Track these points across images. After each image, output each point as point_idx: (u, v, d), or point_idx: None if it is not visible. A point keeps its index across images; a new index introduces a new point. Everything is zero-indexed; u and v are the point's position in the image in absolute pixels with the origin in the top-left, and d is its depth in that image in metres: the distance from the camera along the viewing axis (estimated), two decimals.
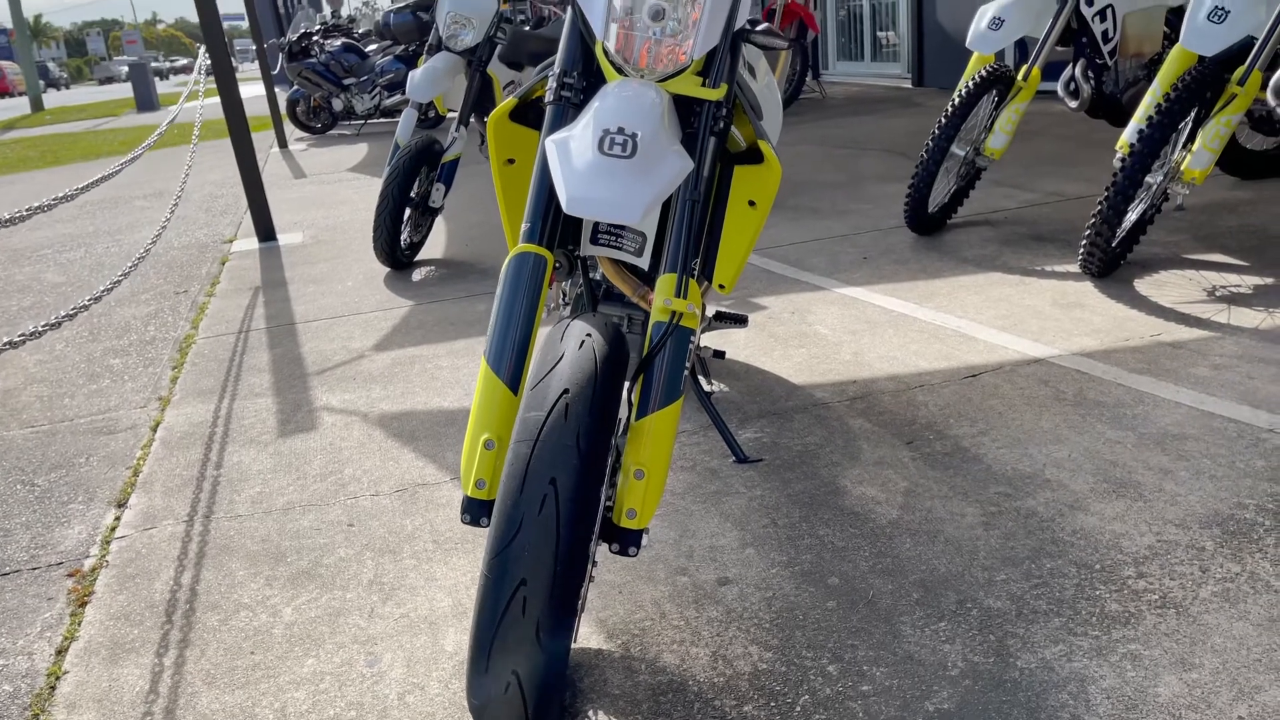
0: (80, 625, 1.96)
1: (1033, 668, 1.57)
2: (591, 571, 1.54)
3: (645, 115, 1.45)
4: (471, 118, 4.37)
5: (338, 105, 10.40)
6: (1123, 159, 3.22)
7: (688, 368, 1.55)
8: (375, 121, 10.99)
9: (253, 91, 13.93)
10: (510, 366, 1.52)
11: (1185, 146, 3.30)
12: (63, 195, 2.48)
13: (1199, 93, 3.16)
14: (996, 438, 2.35)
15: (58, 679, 1.80)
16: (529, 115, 1.79)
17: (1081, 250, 3.39)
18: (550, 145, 1.48)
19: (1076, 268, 3.54)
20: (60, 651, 1.88)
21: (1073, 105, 4.24)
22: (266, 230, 5.49)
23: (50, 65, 53.31)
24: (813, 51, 10.92)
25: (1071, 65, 4.21)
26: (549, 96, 1.63)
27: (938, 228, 4.26)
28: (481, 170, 6.60)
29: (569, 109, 1.61)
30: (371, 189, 6.82)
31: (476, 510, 1.49)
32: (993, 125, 4.04)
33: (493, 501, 1.46)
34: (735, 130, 1.77)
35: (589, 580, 1.55)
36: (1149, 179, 3.34)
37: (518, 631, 1.27)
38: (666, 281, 1.54)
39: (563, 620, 1.30)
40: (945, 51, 9.63)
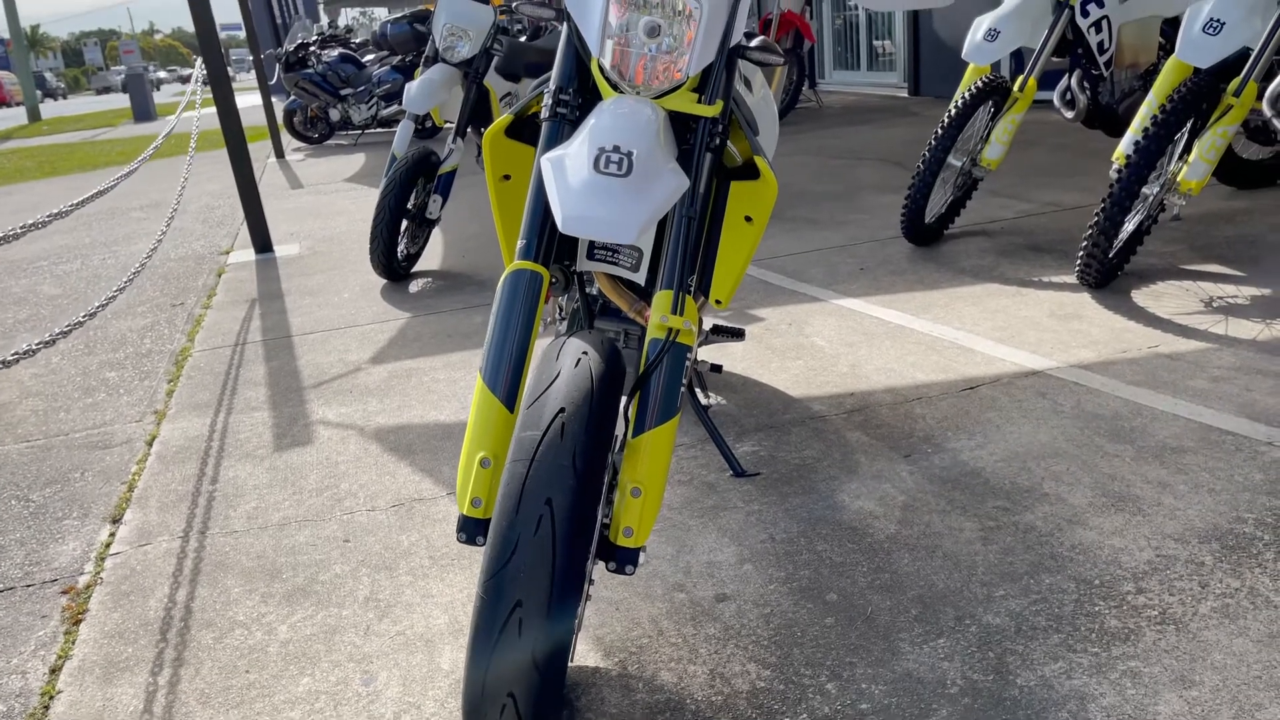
0: (74, 643, 1.94)
1: (1032, 685, 1.56)
2: (588, 590, 1.54)
3: (640, 133, 1.44)
4: (468, 129, 4.37)
5: (335, 115, 10.41)
6: (1119, 170, 3.22)
7: (684, 384, 1.54)
8: (372, 131, 11.01)
9: (250, 101, 13.94)
10: (506, 384, 1.51)
11: (1181, 157, 3.30)
12: (56, 212, 2.47)
13: (1195, 104, 3.16)
14: (994, 451, 2.34)
15: (51, 698, 1.79)
16: (525, 131, 1.78)
17: (1078, 261, 3.40)
18: (545, 163, 1.47)
19: (1073, 278, 3.55)
20: (54, 670, 1.87)
21: (1069, 116, 4.25)
22: (263, 241, 5.49)
23: (47, 75, 53.33)
24: (809, 61, 10.94)
25: (1067, 76, 4.22)
26: (545, 113, 1.63)
27: (935, 238, 4.26)
28: (478, 181, 6.60)
29: (565, 125, 1.61)
30: (368, 199, 6.82)
31: (472, 529, 1.48)
32: (989, 136, 4.05)
33: (489, 520, 1.45)
34: (731, 145, 1.77)
35: (586, 599, 1.54)
36: (1145, 190, 3.34)
37: (514, 653, 1.26)
38: (663, 298, 1.53)
39: (559, 641, 1.29)
40: (941, 60, 9.66)
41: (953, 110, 3.93)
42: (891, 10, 10.32)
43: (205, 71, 5.23)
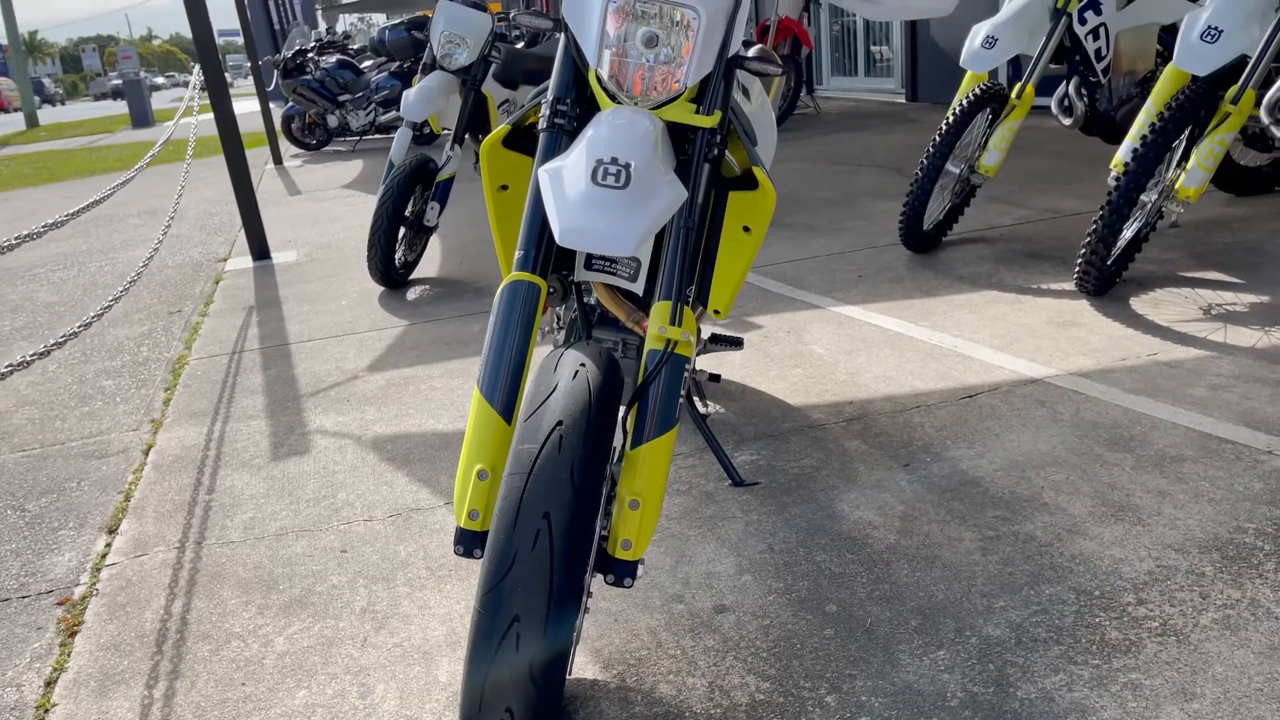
0: (70, 656, 1.93)
1: (1033, 698, 1.55)
2: (586, 603, 1.53)
3: (638, 144, 1.44)
4: (466, 136, 4.37)
5: (333, 121, 10.42)
6: (1117, 178, 3.22)
7: (683, 395, 1.54)
8: (370, 138, 11.00)
9: (248, 107, 13.95)
10: (504, 396, 1.51)
11: (1180, 165, 3.30)
12: (51, 222, 2.46)
13: (1193, 112, 3.16)
14: (994, 460, 2.33)
15: (47, 712, 1.77)
16: (522, 141, 1.78)
17: (1077, 268, 3.39)
18: (543, 175, 1.47)
19: (1072, 286, 3.54)
20: (49, 683, 1.86)
21: (1066, 123, 4.25)
22: (261, 248, 5.48)
23: (46, 81, 53.37)
24: (807, 67, 10.95)
25: (1065, 83, 4.23)
26: (542, 123, 1.62)
27: (933, 245, 4.26)
28: (476, 188, 6.60)
29: (562, 136, 1.61)
30: (366, 206, 6.81)
31: (470, 542, 1.48)
32: (987, 143, 4.05)
33: (486, 533, 1.44)
34: (730, 155, 1.76)
35: (584, 612, 1.53)
36: (1144, 197, 3.34)
37: (511, 668, 1.25)
38: (661, 309, 1.53)
39: (557, 656, 1.28)
40: (939, 66, 9.67)
41: (950, 117, 3.93)
42: (890, 20, 10.34)
43: (203, 78, 5.23)
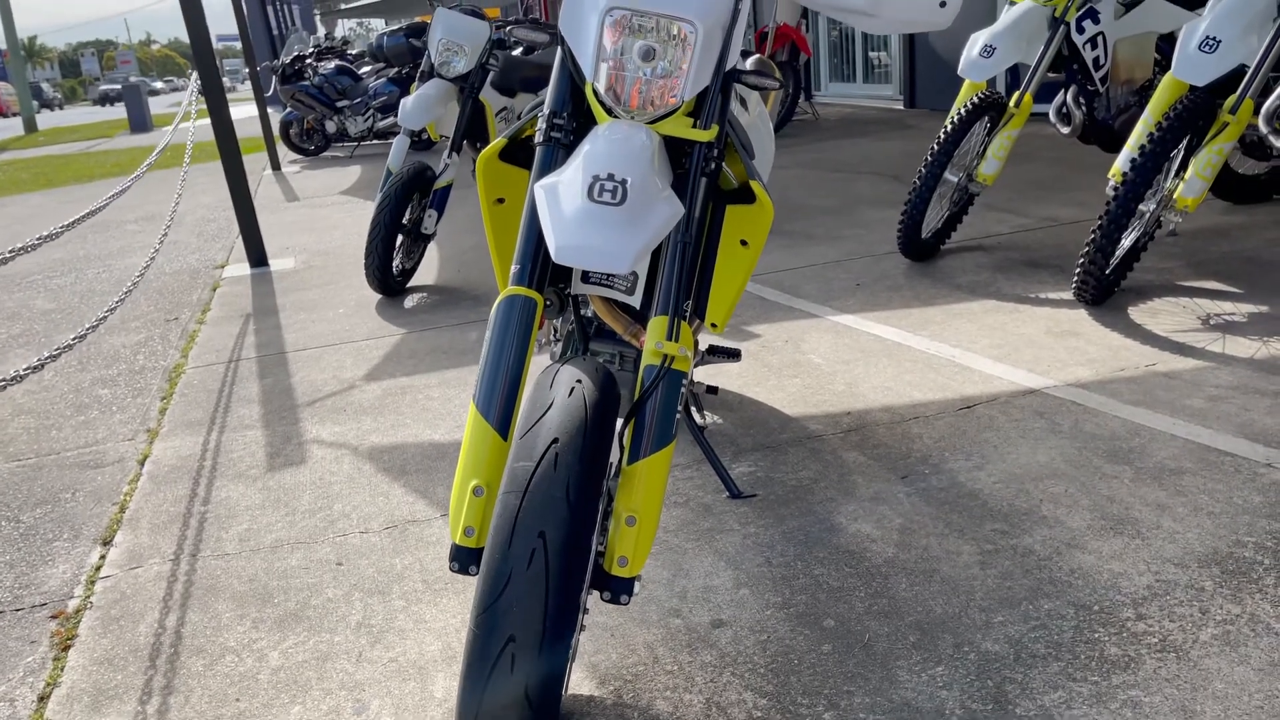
0: (63, 670, 1.92)
1: (1032, 715, 1.54)
2: (583, 620, 1.52)
3: (635, 160, 1.43)
4: (464, 144, 4.36)
5: (331, 127, 10.41)
6: (1116, 187, 3.22)
7: (680, 409, 1.53)
8: (368, 143, 11.01)
9: (246, 112, 13.94)
10: (500, 411, 1.50)
11: (1178, 174, 3.30)
12: (48, 234, 2.45)
13: (1191, 121, 3.16)
14: (992, 472, 2.33)
15: None
16: (519, 154, 1.77)
17: (1075, 278, 3.39)
18: (539, 191, 1.46)
19: (1070, 295, 3.54)
20: (43, 698, 1.85)
21: (1065, 131, 4.25)
22: (258, 255, 5.47)
23: (44, 86, 53.37)
24: (805, 73, 10.95)
25: (1063, 91, 4.23)
26: (538, 137, 1.62)
27: (931, 254, 4.26)
28: (474, 196, 6.59)
29: (559, 150, 1.60)
30: (364, 212, 6.81)
31: (465, 558, 1.47)
32: (985, 152, 4.05)
33: (481, 550, 1.43)
34: (727, 168, 1.76)
35: (580, 629, 1.52)
36: (1142, 207, 3.33)
37: (507, 688, 1.24)
38: (658, 324, 1.52)
39: (553, 674, 1.27)
40: (937, 73, 9.68)
41: (949, 126, 3.93)
42: (888, 34, 10.36)
43: (200, 83, 5.22)
